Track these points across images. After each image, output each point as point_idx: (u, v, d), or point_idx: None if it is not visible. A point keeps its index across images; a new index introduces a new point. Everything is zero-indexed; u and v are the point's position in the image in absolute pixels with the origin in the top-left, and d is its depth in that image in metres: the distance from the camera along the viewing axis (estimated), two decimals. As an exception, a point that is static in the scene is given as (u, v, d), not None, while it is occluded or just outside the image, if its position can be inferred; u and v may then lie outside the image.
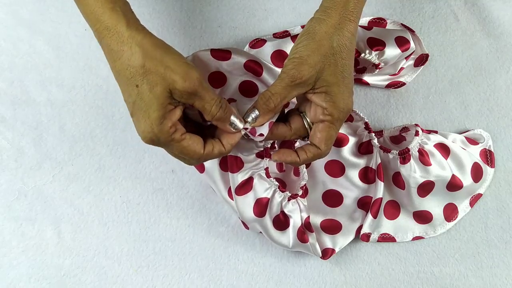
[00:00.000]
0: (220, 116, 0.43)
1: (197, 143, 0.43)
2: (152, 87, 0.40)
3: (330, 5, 0.45)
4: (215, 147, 0.44)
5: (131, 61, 0.40)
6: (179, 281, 0.57)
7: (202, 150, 0.43)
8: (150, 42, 0.41)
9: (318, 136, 0.45)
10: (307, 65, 0.43)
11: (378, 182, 0.56)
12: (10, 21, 0.62)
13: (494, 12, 0.64)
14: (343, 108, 0.44)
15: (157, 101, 0.40)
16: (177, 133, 0.42)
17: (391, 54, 0.56)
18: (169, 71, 0.40)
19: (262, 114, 0.45)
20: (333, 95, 0.44)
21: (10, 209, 0.58)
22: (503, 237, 0.59)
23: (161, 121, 0.41)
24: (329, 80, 0.44)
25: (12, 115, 0.60)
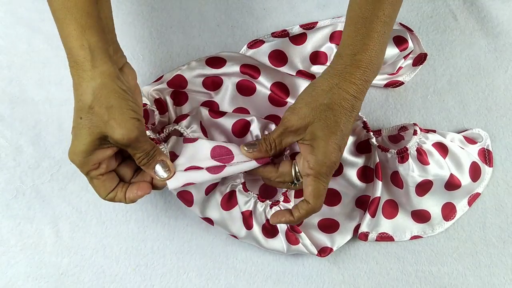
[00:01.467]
0: (144, 163, 0.47)
1: (102, 190, 0.47)
2: (91, 126, 0.43)
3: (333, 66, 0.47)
4: (117, 197, 0.47)
5: (83, 97, 0.43)
6: (177, 280, 0.57)
7: (104, 195, 0.47)
8: (107, 88, 0.43)
9: (308, 191, 0.47)
10: (297, 115, 0.46)
11: (376, 181, 0.56)
12: (9, 19, 0.62)
13: (492, 11, 0.64)
14: (325, 163, 0.46)
15: (90, 138, 0.43)
16: (95, 172, 0.45)
17: (389, 53, 0.56)
18: (113, 122, 0.43)
19: (259, 151, 0.49)
20: (316, 148, 0.46)
21: (8, 207, 0.58)
22: (501, 236, 0.59)
23: (86, 155, 0.44)
24: (316, 133, 0.46)
25: (11, 114, 0.60)
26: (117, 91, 0.43)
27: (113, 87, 0.43)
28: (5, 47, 0.61)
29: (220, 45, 0.62)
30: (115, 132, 0.43)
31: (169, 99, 0.57)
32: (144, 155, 0.46)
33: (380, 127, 0.61)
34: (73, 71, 0.43)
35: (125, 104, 0.43)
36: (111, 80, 0.43)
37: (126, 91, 0.44)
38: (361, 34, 0.46)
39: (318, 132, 0.46)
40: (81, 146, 0.43)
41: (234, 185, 0.55)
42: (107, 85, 0.43)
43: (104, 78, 0.43)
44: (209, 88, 0.58)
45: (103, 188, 0.47)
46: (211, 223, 0.56)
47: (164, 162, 0.48)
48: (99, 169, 0.46)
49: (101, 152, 0.45)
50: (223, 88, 0.58)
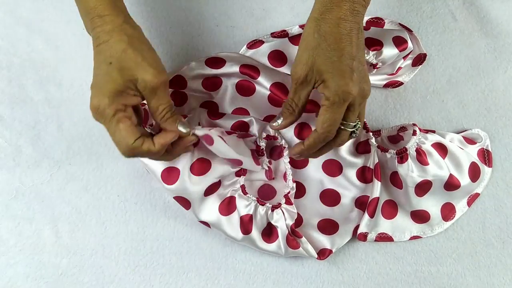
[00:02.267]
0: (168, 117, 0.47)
1: (130, 133, 0.44)
2: (123, 68, 0.44)
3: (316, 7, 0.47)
4: (145, 143, 0.45)
5: (115, 44, 0.45)
6: (176, 280, 0.57)
7: (131, 141, 0.44)
8: (138, 38, 0.46)
9: (318, 120, 0.47)
10: (299, 64, 0.46)
11: (375, 181, 0.56)
12: (8, 20, 0.62)
13: (492, 12, 0.64)
14: (337, 91, 0.45)
15: (121, 78, 0.44)
16: (122, 113, 0.44)
17: (389, 54, 0.56)
18: (145, 63, 0.44)
19: (285, 118, 0.49)
20: (326, 80, 0.45)
21: (8, 208, 0.58)
22: (500, 236, 0.59)
23: (116, 94, 0.44)
24: (321, 69, 0.45)
25: (10, 114, 0.60)
26: (148, 42, 0.47)
27: (143, 38, 0.47)
28: (5, 47, 0.61)
29: (220, 46, 0.62)
30: (147, 73, 0.44)
31: None
32: (168, 108, 0.46)
33: (380, 127, 0.61)
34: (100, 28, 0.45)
35: (155, 53, 0.46)
36: (141, 33, 0.47)
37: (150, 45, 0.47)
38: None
39: (322, 67, 0.45)
40: (112, 85, 0.44)
41: (234, 191, 0.55)
42: (139, 36, 0.47)
43: (135, 30, 0.46)
44: (209, 88, 0.58)
45: (130, 132, 0.44)
46: (208, 226, 0.56)
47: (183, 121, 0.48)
48: (126, 112, 0.45)
49: (129, 97, 0.45)
50: (223, 88, 0.58)
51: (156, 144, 0.45)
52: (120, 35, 0.45)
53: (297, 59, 0.47)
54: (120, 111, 0.44)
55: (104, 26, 0.45)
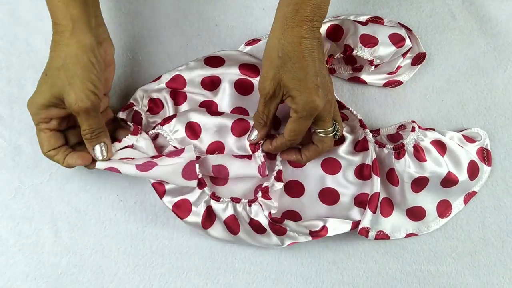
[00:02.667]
0: (86, 138, 0.51)
1: (46, 143, 0.51)
2: (53, 85, 0.48)
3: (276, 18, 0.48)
4: (57, 156, 0.51)
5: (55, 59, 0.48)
6: (176, 280, 0.57)
7: (45, 150, 0.51)
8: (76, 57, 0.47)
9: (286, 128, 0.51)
10: (267, 80, 0.48)
11: (374, 177, 0.55)
12: (7, 19, 0.62)
13: (491, 11, 0.64)
14: (304, 106, 0.48)
15: (49, 95, 0.48)
16: (44, 125, 0.50)
17: (385, 51, 0.56)
18: (71, 89, 0.47)
19: (259, 131, 0.53)
20: (294, 97, 0.48)
21: (7, 207, 0.58)
22: (500, 235, 0.59)
23: (41, 108, 0.49)
24: (288, 86, 0.48)
25: (9, 114, 0.60)
26: (85, 63, 0.48)
27: (82, 59, 0.47)
28: (4, 47, 0.61)
29: (219, 45, 0.62)
30: (70, 97, 0.47)
31: (169, 98, 0.57)
32: (89, 131, 0.50)
33: (379, 126, 0.61)
34: (54, 36, 0.48)
35: (88, 76, 0.47)
36: (83, 52, 0.47)
37: (94, 65, 0.48)
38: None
39: (289, 85, 0.47)
40: (40, 99, 0.49)
41: (206, 201, 0.54)
42: (77, 55, 0.47)
43: (77, 48, 0.47)
44: (208, 87, 0.58)
45: (46, 142, 0.51)
46: None
47: (106, 145, 0.52)
48: (49, 124, 0.50)
49: (55, 110, 0.50)
50: (222, 87, 0.58)
51: (64, 162, 0.51)
52: (60, 51, 0.47)
53: (263, 75, 0.49)
54: (42, 123, 0.50)
55: (54, 35, 0.48)
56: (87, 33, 0.48)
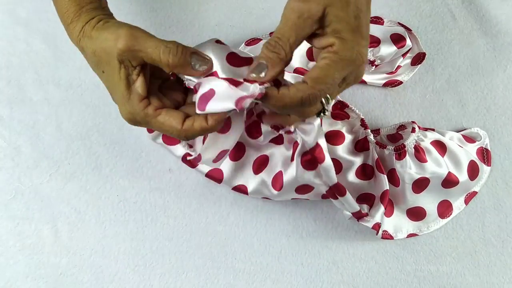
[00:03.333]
0: (174, 61, 0.39)
1: (174, 118, 0.40)
2: (107, 65, 0.40)
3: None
4: (196, 122, 0.39)
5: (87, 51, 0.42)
6: (176, 280, 0.57)
7: (180, 125, 0.39)
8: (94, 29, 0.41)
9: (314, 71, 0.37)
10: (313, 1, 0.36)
11: (379, 175, 0.55)
12: (7, 19, 0.62)
13: (491, 11, 0.64)
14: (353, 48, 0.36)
15: (117, 75, 0.40)
16: (150, 108, 0.40)
17: (387, 51, 0.56)
18: (106, 43, 0.39)
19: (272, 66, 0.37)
20: (342, 31, 0.36)
21: (7, 208, 0.58)
22: (500, 235, 0.59)
23: (127, 96, 0.40)
24: (339, 14, 0.36)
25: (9, 114, 0.60)
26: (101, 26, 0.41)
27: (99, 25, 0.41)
28: (3, 47, 0.61)
29: (219, 45, 0.62)
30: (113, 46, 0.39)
31: None
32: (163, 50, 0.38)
33: (379, 126, 0.61)
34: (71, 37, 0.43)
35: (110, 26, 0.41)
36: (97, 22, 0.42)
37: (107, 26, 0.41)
38: None
39: (341, 13, 0.36)
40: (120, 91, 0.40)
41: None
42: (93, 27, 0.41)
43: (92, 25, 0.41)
44: None
45: (174, 118, 0.40)
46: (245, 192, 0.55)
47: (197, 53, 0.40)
48: (152, 105, 0.40)
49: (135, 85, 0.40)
50: None
51: (209, 120, 0.39)
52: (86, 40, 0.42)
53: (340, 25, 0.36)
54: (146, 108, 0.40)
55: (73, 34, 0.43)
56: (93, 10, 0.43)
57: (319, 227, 0.59)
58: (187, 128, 0.39)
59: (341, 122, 0.59)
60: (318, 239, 0.59)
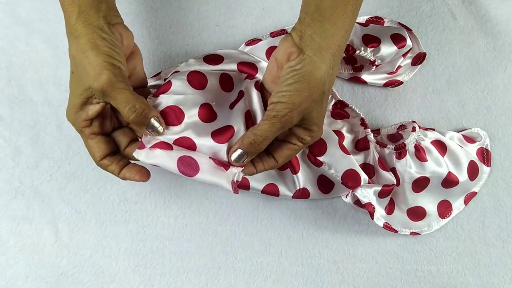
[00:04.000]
0: (134, 119, 0.43)
1: (99, 150, 0.46)
2: (78, 77, 0.43)
3: (324, 46, 0.43)
4: (111, 166, 0.46)
5: (70, 49, 0.44)
6: (176, 280, 0.57)
7: (99, 158, 0.46)
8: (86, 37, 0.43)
9: (281, 154, 0.47)
10: (298, 111, 0.44)
11: (383, 172, 0.55)
12: (7, 19, 0.62)
13: (491, 11, 0.64)
14: (314, 141, 0.47)
15: (79, 91, 0.43)
16: (87, 130, 0.45)
17: (387, 51, 0.56)
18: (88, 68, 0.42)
19: (250, 155, 0.46)
20: (313, 132, 0.46)
21: (7, 208, 0.58)
22: (500, 235, 0.59)
23: (76, 110, 0.44)
24: (313, 121, 0.45)
25: (9, 114, 0.60)
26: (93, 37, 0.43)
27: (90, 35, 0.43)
28: (4, 47, 0.61)
29: (219, 45, 0.62)
30: (89, 78, 0.42)
31: None
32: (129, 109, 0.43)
33: (379, 126, 0.61)
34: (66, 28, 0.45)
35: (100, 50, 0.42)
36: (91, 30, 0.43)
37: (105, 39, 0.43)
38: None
39: (314, 120, 0.45)
40: (72, 101, 0.44)
41: None
42: (84, 33, 0.43)
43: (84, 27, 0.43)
44: None
45: (97, 149, 0.45)
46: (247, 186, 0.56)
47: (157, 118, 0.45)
48: (91, 127, 0.45)
49: (91, 107, 0.44)
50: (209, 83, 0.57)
51: (120, 174, 0.46)
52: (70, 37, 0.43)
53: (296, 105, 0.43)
54: (84, 128, 0.45)
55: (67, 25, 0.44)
56: (94, 14, 0.44)
57: (319, 227, 0.59)
58: (102, 164, 0.46)
59: (341, 121, 0.59)
60: (318, 239, 0.59)
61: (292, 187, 0.56)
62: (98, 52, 0.42)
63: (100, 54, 0.42)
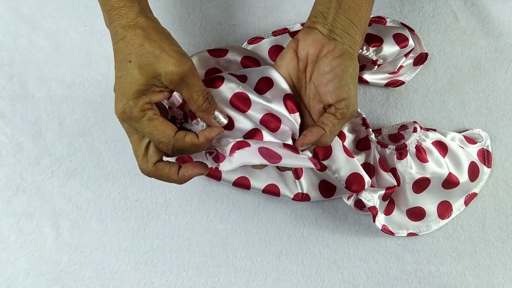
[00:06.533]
0: (205, 107, 0.44)
1: (169, 126, 0.43)
2: (143, 64, 0.42)
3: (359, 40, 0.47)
4: (188, 136, 0.43)
5: (132, 40, 0.43)
6: (177, 277, 0.57)
7: (172, 134, 0.43)
8: (154, 28, 0.44)
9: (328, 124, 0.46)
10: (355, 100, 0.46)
11: (383, 173, 0.55)
12: (10, 16, 0.62)
13: (493, 12, 0.64)
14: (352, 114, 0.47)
15: (143, 77, 0.42)
16: (151, 112, 0.42)
17: (389, 50, 0.56)
18: (165, 54, 0.42)
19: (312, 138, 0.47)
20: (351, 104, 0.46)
21: (9, 204, 0.58)
22: (500, 236, 0.59)
23: (139, 95, 0.42)
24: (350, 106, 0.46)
25: (12, 111, 0.60)
26: (165, 32, 0.44)
27: (159, 28, 0.44)
28: (6, 43, 0.61)
29: (221, 43, 0.62)
30: (169, 64, 0.42)
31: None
32: (203, 95, 0.44)
33: (381, 126, 0.61)
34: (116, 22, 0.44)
35: (173, 41, 0.44)
36: (157, 23, 0.45)
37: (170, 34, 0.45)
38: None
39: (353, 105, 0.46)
40: (134, 87, 0.42)
41: None
42: (155, 27, 0.44)
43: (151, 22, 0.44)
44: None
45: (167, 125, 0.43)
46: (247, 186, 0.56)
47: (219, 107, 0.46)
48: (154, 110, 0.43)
49: (153, 94, 0.43)
50: None
51: (200, 137, 0.43)
52: (134, 29, 0.43)
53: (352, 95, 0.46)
54: (147, 110, 0.42)
55: (120, 20, 0.43)
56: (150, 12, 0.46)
57: (320, 226, 0.59)
58: (178, 137, 0.43)
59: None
60: (319, 238, 0.59)
61: (293, 188, 0.56)
62: (172, 42, 0.43)
63: (174, 44, 0.43)
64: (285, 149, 0.46)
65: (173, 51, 0.42)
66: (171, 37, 0.44)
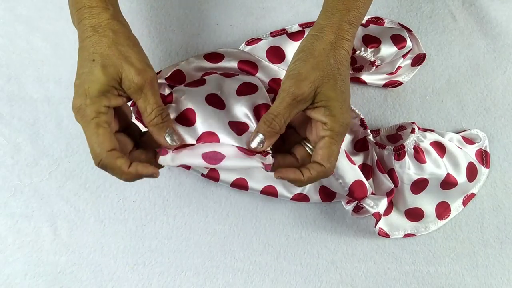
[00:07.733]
0: (157, 122, 0.44)
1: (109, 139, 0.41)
2: (107, 65, 0.42)
3: (326, 24, 0.46)
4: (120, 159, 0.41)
5: (100, 40, 0.43)
6: (175, 278, 0.57)
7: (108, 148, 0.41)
8: (124, 34, 0.44)
9: (320, 153, 0.44)
10: (306, 81, 0.43)
11: (380, 175, 0.55)
12: (8, 17, 0.62)
13: (491, 12, 0.64)
14: (343, 122, 0.44)
15: (105, 77, 0.42)
16: (103, 117, 0.42)
17: (387, 51, 0.56)
18: (129, 62, 0.42)
19: (268, 138, 0.45)
20: (332, 109, 0.44)
21: (6, 205, 0.58)
22: (498, 236, 0.59)
23: (99, 94, 0.41)
24: (328, 94, 0.44)
25: (9, 112, 0.60)
26: (134, 39, 0.45)
27: (131, 35, 0.45)
28: (4, 44, 0.61)
29: (219, 44, 0.62)
30: (131, 71, 0.42)
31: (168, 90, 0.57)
32: (158, 110, 0.43)
33: (379, 127, 0.61)
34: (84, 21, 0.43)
35: (140, 50, 0.44)
36: (128, 30, 0.45)
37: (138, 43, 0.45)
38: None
39: (330, 93, 0.43)
40: (94, 86, 0.41)
41: None
42: (125, 32, 0.44)
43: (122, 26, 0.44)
44: None
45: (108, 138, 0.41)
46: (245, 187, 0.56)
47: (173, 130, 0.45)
48: (108, 116, 0.42)
49: (113, 98, 0.42)
50: None
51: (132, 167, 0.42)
52: (105, 30, 0.43)
53: (303, 75, 0.43)
54: (101, 114, 0.41)
55: (91, 19, 0.43)
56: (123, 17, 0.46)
57: (318, 227, 0.59)
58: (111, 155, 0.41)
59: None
60: (317, 239, 0.59)
61: (292, 189, 0.56)
62: (140, 51, 0.44)
63: (142, 52, 0.44)
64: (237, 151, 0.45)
65: (138, 60, 0.43)
66: (139, 45, 0.45)
